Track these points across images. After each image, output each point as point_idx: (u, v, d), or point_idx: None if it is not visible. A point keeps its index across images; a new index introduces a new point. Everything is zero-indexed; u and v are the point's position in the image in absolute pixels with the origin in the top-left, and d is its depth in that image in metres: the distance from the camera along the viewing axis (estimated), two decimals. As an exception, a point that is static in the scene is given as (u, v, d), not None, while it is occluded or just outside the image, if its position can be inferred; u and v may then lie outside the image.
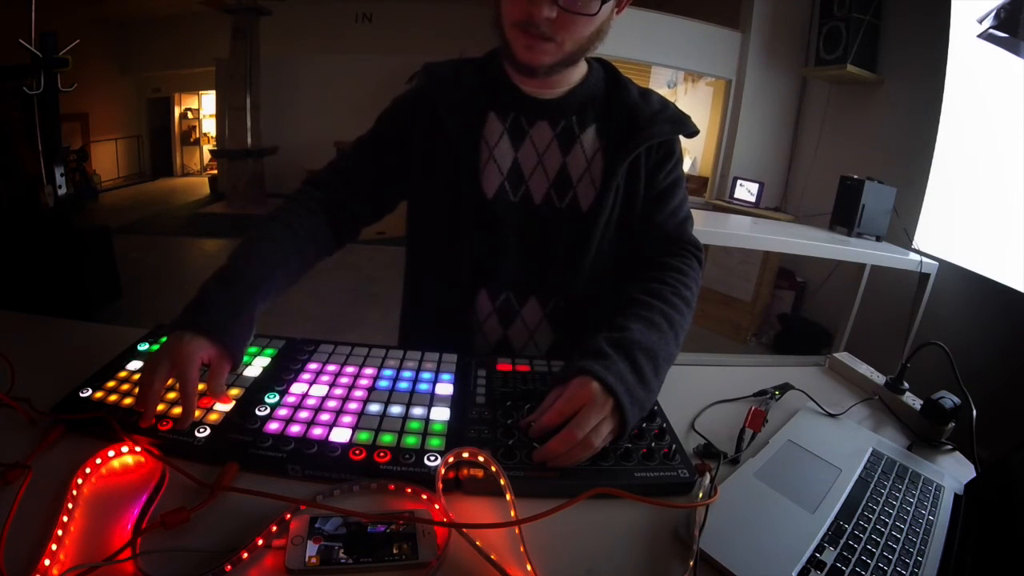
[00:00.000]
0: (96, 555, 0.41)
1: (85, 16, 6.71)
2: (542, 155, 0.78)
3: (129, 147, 8.74)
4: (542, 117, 0.78)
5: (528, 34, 0.66)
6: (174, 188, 8.42)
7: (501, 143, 0.78)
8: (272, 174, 6.72)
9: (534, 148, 0.78)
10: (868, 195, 2.47)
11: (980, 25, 2.32)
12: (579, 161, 0.78)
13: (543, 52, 0.68)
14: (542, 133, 0.78)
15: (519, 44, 0.68)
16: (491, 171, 0.78)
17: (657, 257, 0.78)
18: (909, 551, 0.50)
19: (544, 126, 0.78)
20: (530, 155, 0.78)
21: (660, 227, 0.80)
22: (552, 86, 0.77)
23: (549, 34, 0.66)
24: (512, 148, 0.78)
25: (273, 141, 6.89)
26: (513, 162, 0.78)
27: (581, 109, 0.79)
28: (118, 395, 0.59)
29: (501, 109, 0.78)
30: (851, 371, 0.89)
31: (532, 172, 0.78)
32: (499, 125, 0.78)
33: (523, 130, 0.78)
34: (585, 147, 0.78)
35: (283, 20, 6.79)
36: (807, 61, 3.49)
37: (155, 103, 9.07)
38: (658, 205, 0.80)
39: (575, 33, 0.67)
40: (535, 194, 0.79)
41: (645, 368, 0.60)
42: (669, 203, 0.81)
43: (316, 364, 0.68)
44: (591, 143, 0.79)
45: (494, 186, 0.78)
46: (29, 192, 3.73)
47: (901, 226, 2.62)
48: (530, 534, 0.46)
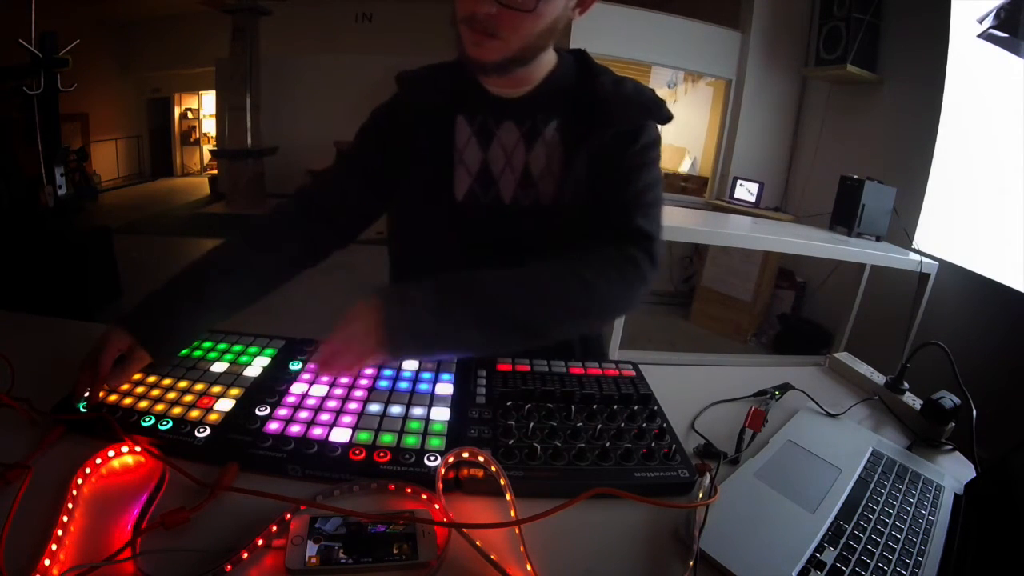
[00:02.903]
0: (96, 555, 0.41)
1: (85, 16, 6.71)
2: (510, 155, 0.78)
3: (129, 147, 8.74)
4: (508, 117, 0.78)
5: (474, 30, 0.67)
6: (174, 188, 8.42)
7: (469, 145, 0.79)
8: (272, 174, 6.71)
9: (502, 149, 0.78)
10: (868, 195, 2.47)
11: (980, 25, 2.32)
12: (540, 157, 0.78)
13: (489, 49, 0.68)
14: (509, 133, 0.78)
15: (467, 41, 0.69)
16: (460, 174, 0.79)
17: (595, 240, 0.73)
18: (909, 551, 0.50)
19: (511, 126, 0.78)
20: (498, 156, 0.78)
21: (607, 211, 0.75)
22: (516, 85, 0.77)
23: (493, 30, 0.66)
24: (481, 150, 0.79)
25: (273, 141, 6.89)
26: (482, 164, 0.79)
27: (546, 105, 0.78)
28: (118, 395, 0.59)
29: (470, 111, 0.79)
30: (851, 371, 0.89)
31: (501, 173, 0.79)
32: (467, 128, 0.79)
33: (491, 131, 0.79)
34: (547, 142, 0.78)
35: (283, 20, 6.79)
36: (807, 61, 3.49)
37: (155, 103, 9.08)
38: (612, 188, 0.76)
39: (520, 30, 0.67)
40: (505, 194, 0.79)
41: (450, 300, 0.60)
42: (625, 187, 0.76)
43: (316, 364, 0.68)
44: (552, 137, 0.78)
45: (464, 188, 0.79)
46: (29, 192, 3.73)
47: (901, 226, 2.62)
48: (530, 534, 0.46)
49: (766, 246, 2.69)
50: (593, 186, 0.76)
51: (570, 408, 0.63)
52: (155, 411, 0.57)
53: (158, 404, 0.58)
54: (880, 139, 3.00)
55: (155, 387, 0.61)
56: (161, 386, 0.62)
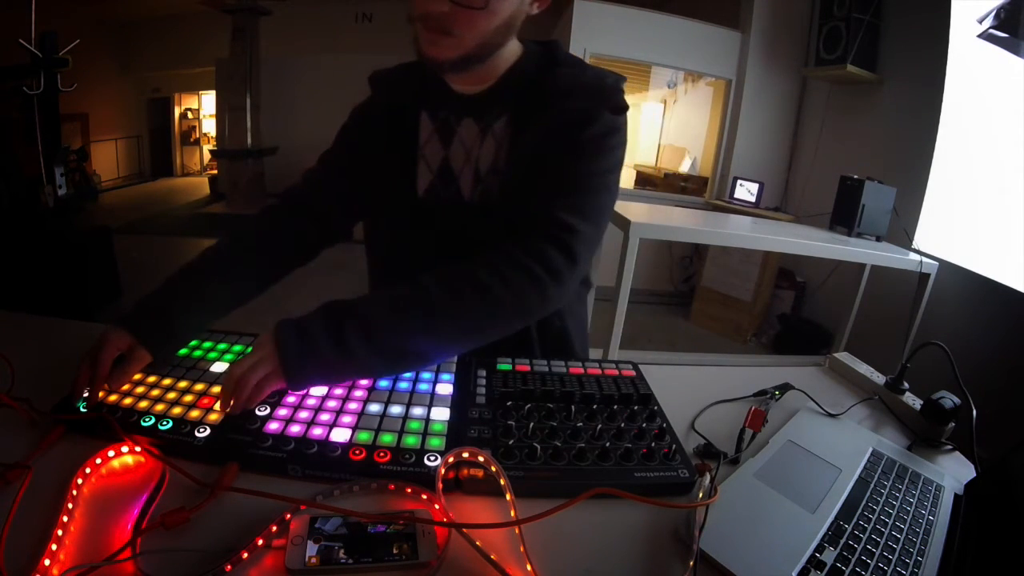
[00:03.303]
0: (96, 555, 0.41)
1: (85, 16, 6.72)
2: (469, 151, 0.78)
3: (129, 147, 8.74)
4: (468, 114, 0.78)
5: (428, 28, 0.67)
6: (174, 188, 8.42)
7: (431, 142, 0.79)
8: (272, 174, 6.72)
9: (462, 145, 0.78)
10: (868, 195, 2.46)
11: (980, 25, 2.32)
12: (489, 152, 0.77)
13: (444, 47, 0.68)
14: (468, 130, 0.78)
15: (423, 39, 0.69)
16: (422, 170, 0.80)
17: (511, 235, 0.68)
18: (909, 551, 0.50)
19: (470, 123, 0.78)
20: (459, 152, 0.79)
21: (526, 201, 0.71)
22: (477, 81, 0.76)
23: (447, 28, 0.66)
24: (442, 147, 0.79)
25: (273, 141, 6.89)
26: (443, 160, 0.79)
27: (503, 100, 0.77)
28: (118, 395, 0.59)
29: (433, 109, 0.80)
30: (851, 371, 0.89)
31: (461, 169, 0.79)
32: (430, 124, 0.79)
33: (452, 128, 0.79)
34: (496, 136, 0.77)
35: (283, 20, 6.79)
36: (807, 61, 3.49)
37: (155, 103, 9.08)
38: (544, 176, 0.72)
39: (474, 27, 0.66)
40: (465, 190, 0.79)
41: (346, 329, 0.58)
42: (556, 174, 0.71)
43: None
44: (501, 132, 0.77)
45: (425, 185, 0.80)
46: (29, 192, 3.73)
47: (901, 226, 2.61)
48: (530, 534, 0.46)
49: (766, 246, 2.69)
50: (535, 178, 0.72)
51: (570, 408, 0.63)
52: (155, 411, 0.57)
53: (158, 404, 0.58)
54: (880, 139, 3.00)
55: (155, 387, 0.61)
56: (161, 386, 0.62)
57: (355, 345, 0.58)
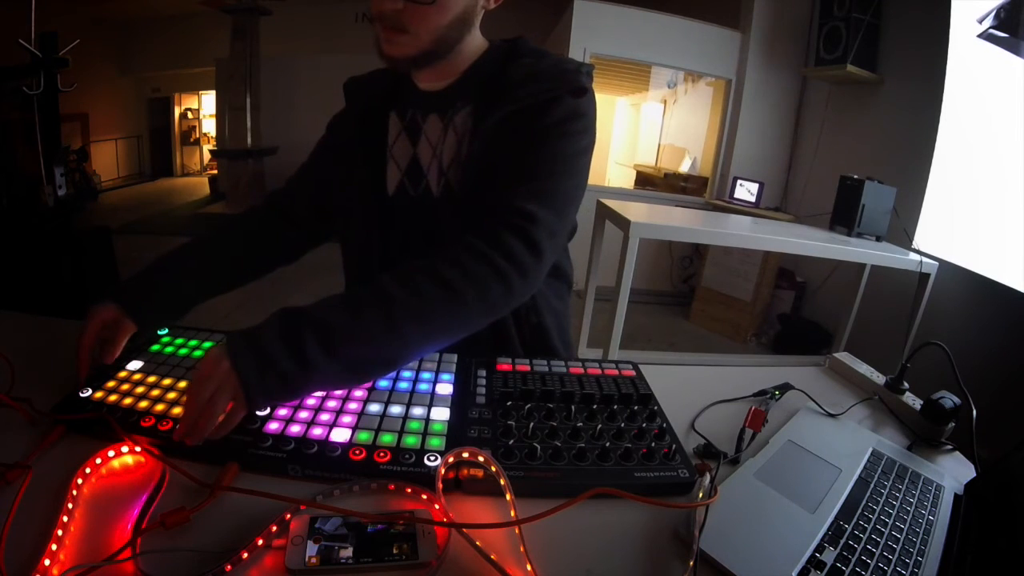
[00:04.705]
0: (96, 555, 0.41)
1: (85, 16, 6.72)
2: (435, 147, 0.79)
3: (129, 147, 8.75)
4: (433, 110, 0.79)
5: (384, 27, 0.68)
6: (174, 188, 8.42)
7: (399, 141, 0.80)
8: (272, 174, 6.70)
9: (428, 142, 0.79)
10: (868, 195, 2.46)
11: (980, 25, 2.32)
12: (451, 146, 0.77)
13: (401, 45, 0.69)
14: (434, 125, 0.78)
15: (381, 39, 0.70)
16: (391, 169, 0.81)
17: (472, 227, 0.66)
18: (909, 551, 0.50)
19: (435, 118, 0.78)
20: (426, 149, 0.79)
21: (489, 192, 0.69)
22: (440, 78, 0.78)
23: (401, 26, 0.67)
24: (411, 145, 0.80)
25: (273, 141, 6.88)
26: (412, 158, 0.80)
27: (466, 94, 0.77)
28: (118, 395, 0.59)
29: (401, 108, 0.81)
30: (851, 371, 0.89)
31: (429, 166, 0.79)
32: (398, 123, 0.81)
33: (418, 125, 0.80)
34: (457, 130, 0.77)
35: (283, 20, 6.78)
36: (807, 61, 3.49)
37: (155, 103, 9.08)
38: (502, 164, 0.70)
39: (426, 23, 0.67)
40: (433, 187, 0.79)
41: (306, 341, 0.52)
42: (517, 162, 0.70)
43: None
44: (463, 125, 0.76)
45: (395, 183, 0.81)
46: (29, 192, 3.73)
47: (901, 226, 2.61)
48: (530, 534, 0.46)
49: (766, 246, 2.69)
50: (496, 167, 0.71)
51: (570, 408, 0.63)
52: (155, 411, 0.57)
53: (158, 404, 0.58)
54: (880, 139, 3.00)
55: (155, 387, 0.61)
56: (161, 386, 0.62)
57: (313, 354, 0.52)
